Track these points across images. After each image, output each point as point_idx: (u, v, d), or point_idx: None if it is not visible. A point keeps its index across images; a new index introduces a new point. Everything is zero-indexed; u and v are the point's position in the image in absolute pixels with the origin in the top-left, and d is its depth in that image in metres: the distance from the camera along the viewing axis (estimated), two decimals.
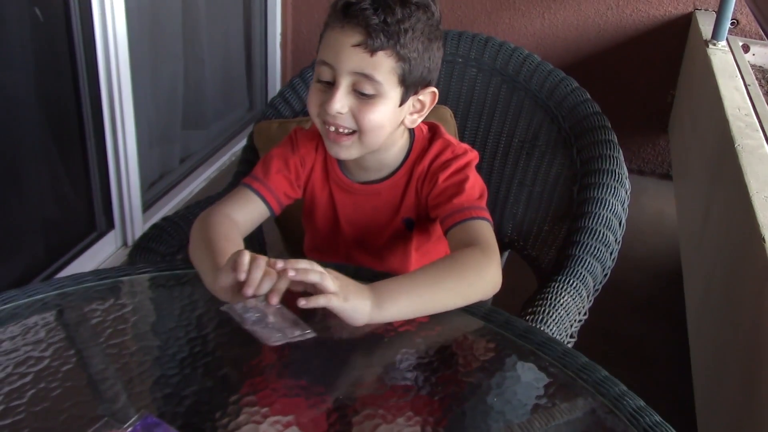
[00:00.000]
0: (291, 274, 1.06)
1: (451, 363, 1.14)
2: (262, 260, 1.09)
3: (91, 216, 2.82)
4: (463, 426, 1.02)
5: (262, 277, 1.08)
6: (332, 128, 1.30)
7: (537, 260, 1.86)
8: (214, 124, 3.68)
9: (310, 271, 1.07)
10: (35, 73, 2.46)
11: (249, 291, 1.07)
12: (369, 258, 1.50)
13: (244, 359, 1.14)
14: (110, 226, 2.86)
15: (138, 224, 2.92)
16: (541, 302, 1.46)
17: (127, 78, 2.70)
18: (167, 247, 1.65)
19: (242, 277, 1.08)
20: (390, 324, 1.18)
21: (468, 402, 1.06)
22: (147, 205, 3.05)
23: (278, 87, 4.09)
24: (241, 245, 1.29)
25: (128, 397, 1.04)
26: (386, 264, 1.49)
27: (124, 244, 2.89)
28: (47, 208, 2.65)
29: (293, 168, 1.44)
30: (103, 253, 2.81)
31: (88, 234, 2.80)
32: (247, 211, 1.40)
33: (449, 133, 1.47)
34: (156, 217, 3.03)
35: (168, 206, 3.17)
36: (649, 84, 3.67)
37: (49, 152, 2.58)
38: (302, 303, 1.06)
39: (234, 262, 1.10)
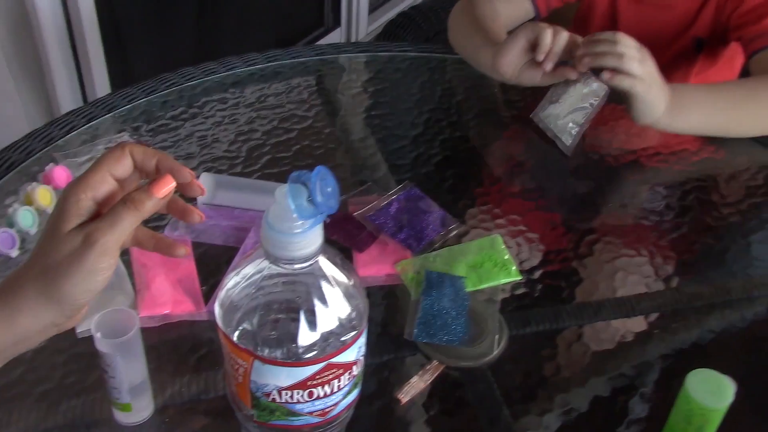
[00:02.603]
0: (586, 60, 0.96)
1: (716, 196, 1.01)
2: (564, 32, 0.99)
3: (320, 11, 2.82)
4: (716, 266, 0.91)
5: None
6: None
7: None
8: None
9: (608, 55, 0.95)
10: None
11: (548, 66, 0.99)
12: None
13: (493, 156, 1.07)
14: (337, 23, 2.85)
15: (363, 24, 2.89)
16: None
17: None
18: (415, 36, 1.58)
19: (540, 58, 0.99)
20: (670, 140, 1.06)
21: (722, 242, 0.94)
22: (373, 7, 3.00)
23: None
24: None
25: (389, 168, 1.01)
26: None
27: (348, 40, 2.89)
28: (280, 1, 2.66)
29: None
30: None
31: (316, 28, 2.81)
32: (512, 7, 1.28)
33: None
34: (382, 19, 2.98)
35: (394, 10, 3.10)
36: None
37: None
38: (606, 76, 0.95)
39: (527, 36, 1.00)
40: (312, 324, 0.47)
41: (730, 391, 0.60)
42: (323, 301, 0.47)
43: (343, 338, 0.48)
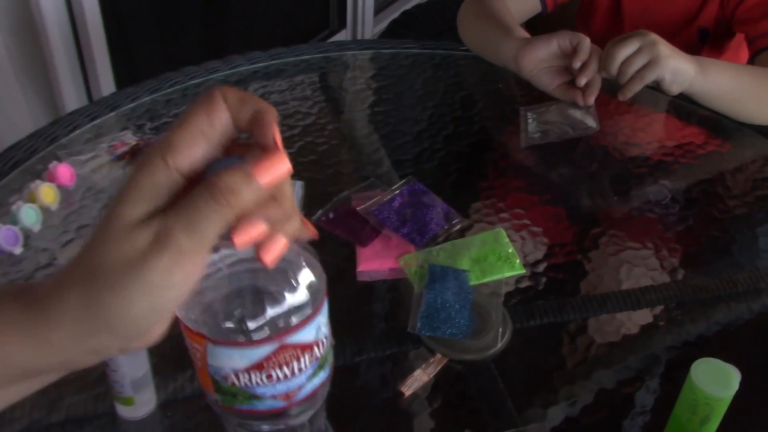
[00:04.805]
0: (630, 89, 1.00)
1: (722, 189, 1.00)
2: (597, 50, 1.01)
3: (326, 13, 2.82)
4: (722, 258, 0.90)
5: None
6: None
7: None
8: None
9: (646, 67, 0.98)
10: None
11: (582, 81, 1.02)
12: None
13: (497, 151, 1.07)
14: (342, 24, 2.85)
15: (369, 25, 2.89)
16: None
17: None
18: (418, 34, 1.58)
19: (577, 65, 1.00)
20: (675, 133, 1.05)
21: (728, 234, 0.93)
22: (379, 8, 3.00)
23: None
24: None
25: (392, 164, 1.01)
26: None
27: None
28: (285, 3, 2.66)
29: None
30: None
31: (322, 30, 2.81)
32: (520, 2, 1.28)
33: None
34: (387, 20, 2.97)
35: (400, 11, 3.10)
36: None
37: None
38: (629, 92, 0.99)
39: (561, 42, 1.03)
40: (261, 303, 0.47)
41: (736, 381, 0.59)
42: (273, 280, 0.47)
43: (295, 317, 0.47)
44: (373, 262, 0.84)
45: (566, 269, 0.86)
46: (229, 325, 0.47)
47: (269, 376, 0.48)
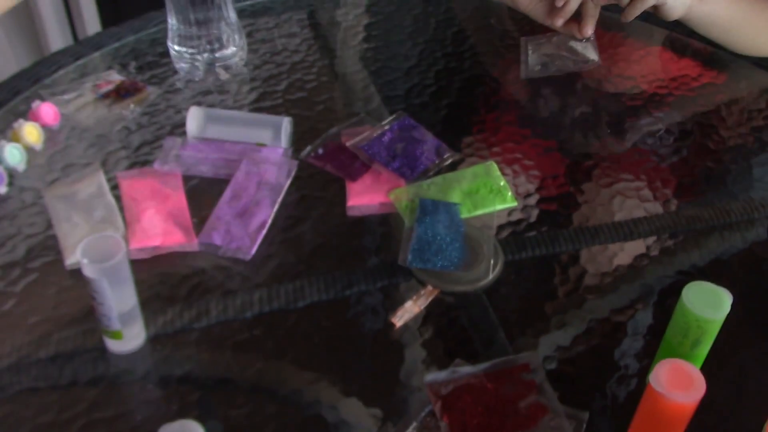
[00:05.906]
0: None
1: (716, 120, 0.99)
2: None
3: None
4: (716, 188, 0.89)
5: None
6: None
7: None
8: None
9: None
10: None
11: (559, 23, 1.00)
12: None
13: (488, 85, 1.05)
14: None
15: None
16: None
17: None
18: None
19: (560, 3, 0.97)
20: (671, 65, 1.03)
21: (722, 165, 0.92)
22: None
23: None
24: None
25: (382, 99, 0.99)
26: None
27: None
28: None
29: None
30: None
31: None
32: None
33: None
34: None
35: None
36: None
37: None
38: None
39: None
40: None
41: (727, 303, 0.59)
42: None
43: None
44: (364, 197, 0.83)
45: (558, 201, 0.85)
46: None
47: None
